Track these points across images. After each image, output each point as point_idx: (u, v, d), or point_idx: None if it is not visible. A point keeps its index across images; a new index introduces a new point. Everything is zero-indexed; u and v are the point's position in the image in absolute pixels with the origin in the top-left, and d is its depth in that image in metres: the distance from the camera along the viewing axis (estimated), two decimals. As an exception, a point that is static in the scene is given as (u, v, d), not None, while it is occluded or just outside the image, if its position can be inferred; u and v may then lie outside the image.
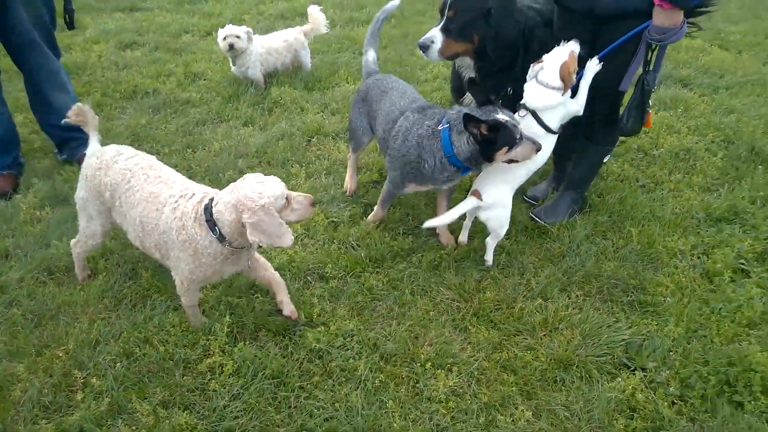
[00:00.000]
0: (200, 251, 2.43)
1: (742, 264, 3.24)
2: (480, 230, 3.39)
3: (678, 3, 2.69)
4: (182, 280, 2.59)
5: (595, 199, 3.70)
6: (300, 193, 2.45)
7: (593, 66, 3.00)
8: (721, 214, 3.61)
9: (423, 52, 3.14)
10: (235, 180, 2.40)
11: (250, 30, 5.06)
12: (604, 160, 3.86)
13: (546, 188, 3.84)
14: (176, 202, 2.49)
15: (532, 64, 3.00)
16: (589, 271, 3.15)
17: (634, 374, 2.60)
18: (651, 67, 3.02)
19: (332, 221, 3.50)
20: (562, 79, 2.89)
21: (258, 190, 2.29)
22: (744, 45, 6.88)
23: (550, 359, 2.66)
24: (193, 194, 2.51)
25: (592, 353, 2.69)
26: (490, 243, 3.15)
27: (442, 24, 3.08)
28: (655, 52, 2.97)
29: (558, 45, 2.95)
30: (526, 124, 2.95)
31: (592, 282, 3.12)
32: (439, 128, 2.89)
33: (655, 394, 2.52)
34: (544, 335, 2.79)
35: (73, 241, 2.99)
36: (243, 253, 2.55)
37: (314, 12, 5.51)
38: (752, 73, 5.94)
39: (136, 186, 2.61)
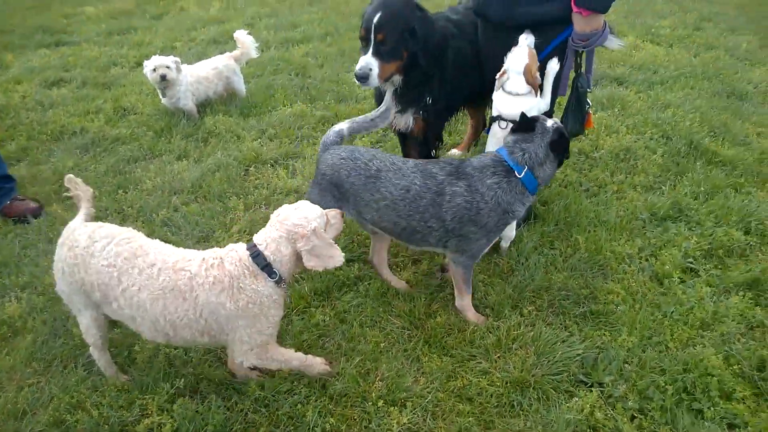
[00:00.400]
0: (266, 304, 2.27)
1: (691, 263, 3.23)
2: (425, 254, 3.31)
3: (596, 8, 2.71)
4: (250, 348, 2.35)
5: (540, 208, 3.66)
6: (330, 209, 2.44)
7: (553, 66, 2.97)
8: (666, 212, 3.61)
9: (362, 82, 3.02)
10: (171, 218, 2.24)
11: (178, 59, 4.88)
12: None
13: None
14: (208, 277, 2.23)
15: (497, 75, 2.95)
16: (539, 285, 3.09)
17: (592, 391, 2.53)
18: (582, 70, 3.05)
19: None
20: (529, 83, 2.86)
21: (302, 215, 2.26)
22: (674, 38, 7.02)
23: (506, 382, 2.57)
24: (220, 257, 2.28)
25: (548, 372, 2.61)
26: (505, 246, 3.30)
27: (372, 49, 2.99)
28: (584, 56, 3.00)
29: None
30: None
31: (543, 295, 3.06)
32: (520, 176, 2.60)
33: (614, 410, 2.45)
34: (498, 357, 2.70)
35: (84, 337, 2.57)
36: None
37: (241, 36, 5.37)
38: (684, 65, 6.06)
39: (133, 285, 2.24)
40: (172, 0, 9.43)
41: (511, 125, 2.87)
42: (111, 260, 2.27)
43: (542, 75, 2.98)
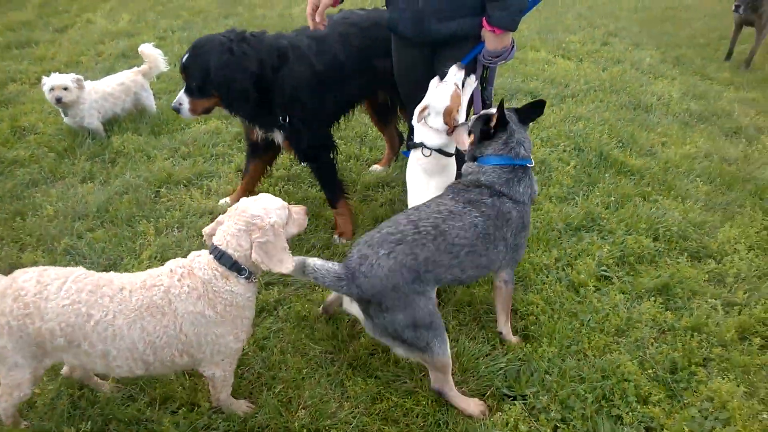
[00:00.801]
0: (242, 305, 2.22)
1: (604, 271, 3.33)
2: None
3: (508, 27, 2.80)
4: (229, 364, 2.32)
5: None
6: (293, 204, 2.38)
7: (471, 82, 2.99)
8: (579, 222, 3.72)
9: (177, 113, 3.26)
10: (75, 247, 2.07)
11: (80, 77, 4.61)
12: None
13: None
14: (182, 287, 2.13)
15: (417, 109, 2.93)
16: (460, 299, 3.09)
17: (515, 404, 2.54)
18: (486, 84, 3.16)
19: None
20: (447, 123, 2.86)
21: (262, 207, 2.19)
22: (583, 53, 7.33)
23: (432, 401, 2.54)
24: (188, 266, 2.20)
25: (473, 387, 2.61)
26: None
27: (185, 86, 3.21)
28: (488, 71, 3.11)
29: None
30: (434, 158, 2.93)
31: (465, 310, 3.06)
32: (532, 165, 2.68)
33: (537, 422, 2.47)
34: (423, 375, 2.66)
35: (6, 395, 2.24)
36: None
37: (146, 50, 5.14)
38: (594, 79, 6.32)
39: (106, 314, 2.07)
40: (77, 11, 8.97)
41: (434, 152, 2.91)
42: (74, 297, 2.07)
43: None
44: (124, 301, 2.10)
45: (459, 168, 3.00)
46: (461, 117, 2.94)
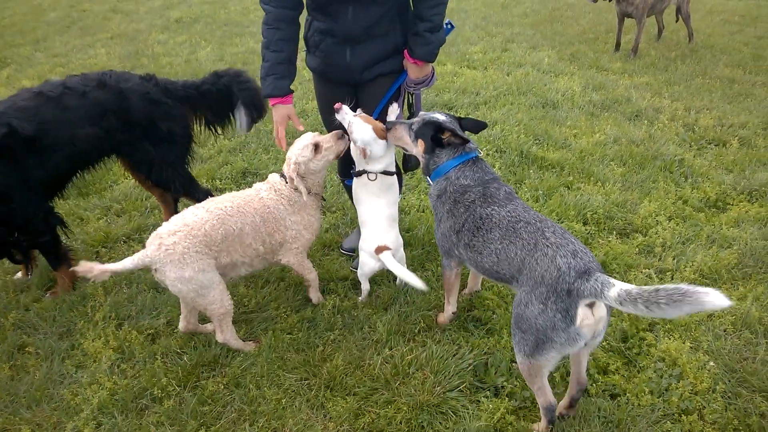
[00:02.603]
0: (307, 205, 3.18)
1: (545, 259, 3.55)
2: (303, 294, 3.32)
3: (428, 60, 3.04)
4: (302, 252, 3.22)
5: (405, 234, 3.82)
6: (323, 136, 3.09)
7: (395, 109, 3.16)
8: (515, 218, 3.94)
9: None
10: (24, 320, 2.05)
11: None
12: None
13: (356, 237, 3.88)
14: (270, 194, 3.10)
15: (359, 154, 3.05)
16: (420, 306, 3.22)
17: (498, 397, 2.69)
18: (415, 110, 3.35)
19: (148, 334, 3.17)
20: (382, 138, 3.00)
21: (290, 152, 3.07)
22: (487, 61, 7.72)
23: (411, 407, 2.64)
24: (267, 185, 3.15)
25: (448, 387, 2.73)
26: (403, 282, 3.36)
27: None
28: (413, 97, 3.31)
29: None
30: (379, 180, 3.09)
31: (428, 316, 3.19)
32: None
33: (520, 414, 2.62)
34: (399, 384, 2.76)
35: (218, 335, 2.97)
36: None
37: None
38: (501, 85, 6.68)
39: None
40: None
41: (379, 174, 3.08)
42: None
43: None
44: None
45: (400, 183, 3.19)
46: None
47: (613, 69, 7.37)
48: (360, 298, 3.35)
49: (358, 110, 3.09)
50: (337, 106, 3.02)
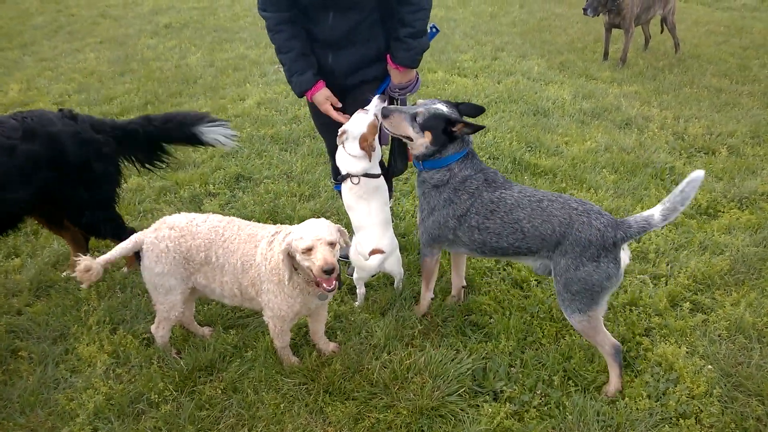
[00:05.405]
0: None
1: (541, 265, 3.57)
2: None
3: (410, 65, 3.08)
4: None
5: (401, 239, 3.83)
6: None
7: (377, 103, 3.09)
8: (510, 224, 3.96)
9: None
10: (16, 324, 2.02)
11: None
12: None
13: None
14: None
15: (339, 132, 3.07)
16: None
17: (497, 402, 2.70)
18: None
19: (143, 339, 3.14)
20: (363, 149, 3.02)
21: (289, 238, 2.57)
22: (477, 69, 7.77)
23: (411, 411, 2.64)
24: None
25: (447, 392, 2.73)
26: (400, 286, 3.41)
27: None
28: (398, 102, 3.30)
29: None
30: (363, 183, 3.09)
31: (424, 321, 3.19)
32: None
33: (517, 415, 2.63)
34: (398, 389, 2.76)
35: (153, 327, 2.95)
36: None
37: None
38: (492, 92, 6.73)
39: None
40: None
41: (362, 178, 3.07)
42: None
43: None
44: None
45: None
46: (377, 145, 3.13)
47: (602, 78, 7.45)
48: (356, 303, 3.34)
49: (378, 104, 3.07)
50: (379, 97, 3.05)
